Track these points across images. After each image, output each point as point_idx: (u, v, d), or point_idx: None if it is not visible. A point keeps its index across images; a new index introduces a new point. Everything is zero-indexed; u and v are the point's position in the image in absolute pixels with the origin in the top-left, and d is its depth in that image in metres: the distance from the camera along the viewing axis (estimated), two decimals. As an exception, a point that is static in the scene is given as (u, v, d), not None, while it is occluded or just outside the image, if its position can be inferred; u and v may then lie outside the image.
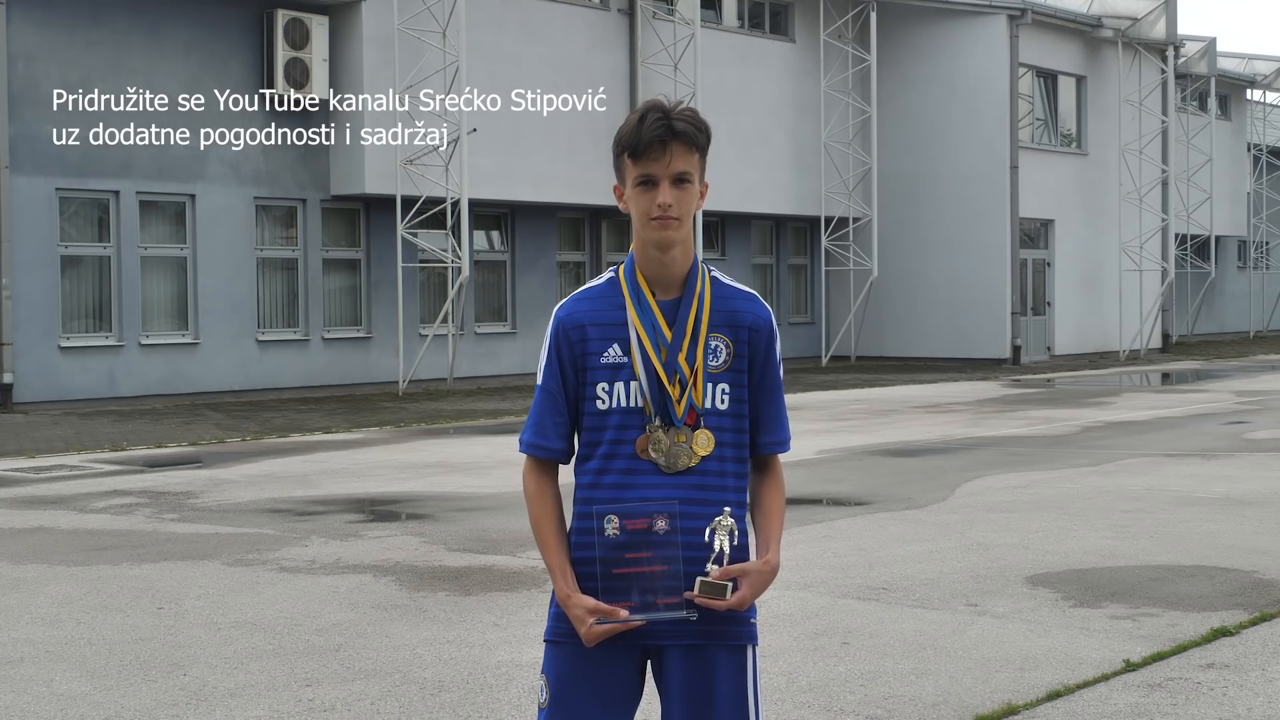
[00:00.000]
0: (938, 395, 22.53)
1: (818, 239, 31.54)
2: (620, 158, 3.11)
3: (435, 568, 8.56)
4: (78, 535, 9.94)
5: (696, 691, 3.09)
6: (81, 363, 20.31)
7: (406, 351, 22.96)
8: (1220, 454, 14.00)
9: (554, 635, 3.15)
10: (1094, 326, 34.18)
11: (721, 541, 3.06)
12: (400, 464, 13.95)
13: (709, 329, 3.13)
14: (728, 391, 3.13)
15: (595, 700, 3.12)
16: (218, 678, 6.14)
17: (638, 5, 26.73)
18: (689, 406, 3.11)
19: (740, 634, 3.12)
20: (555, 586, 3.13)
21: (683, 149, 3.06)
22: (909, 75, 31.59)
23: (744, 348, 3.15)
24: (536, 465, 3.20)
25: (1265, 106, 46.77)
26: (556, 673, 3.14)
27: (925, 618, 7.07)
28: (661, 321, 3.12)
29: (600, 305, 3.15)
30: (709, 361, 3.13)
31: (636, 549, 3.04)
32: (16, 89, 19.55)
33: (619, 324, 3.13)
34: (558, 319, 3.17)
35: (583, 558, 3.11)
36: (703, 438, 3.11)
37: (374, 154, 22.41)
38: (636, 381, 3.11)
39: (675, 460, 3.09)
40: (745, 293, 3.20)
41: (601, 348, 3.12)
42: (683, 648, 3.09)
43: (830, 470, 13.21)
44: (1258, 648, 6.44)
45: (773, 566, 3.11)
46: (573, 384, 3.14)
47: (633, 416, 3.11)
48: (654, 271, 3.14)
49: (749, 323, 3.16)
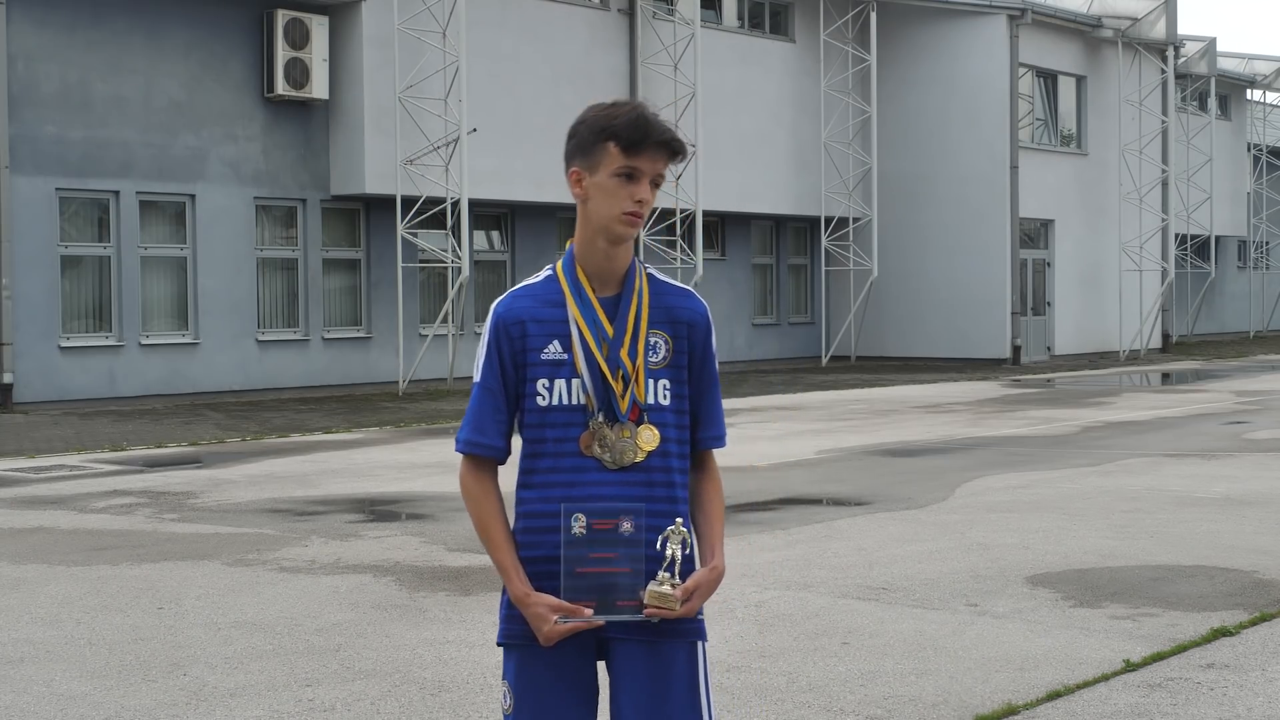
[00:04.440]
0: (938, 395, 22.53)
1: (818, 239, 31.54)
2: (601, 144, 3.06)
3: (435, 568, 8.56)
4: (78, 535, 9.94)
5: (650, 685, 3.09)
6: (81, 363, 20.31)
7: (406, 351, 22.96)
8: (1220, 454, 14.00)
9: (509, 638, 3.12)
10: (1094, 326, 34.19)
11: (674, 550, 3.06)
12: (400, 464, 13.95)
13: (648, 325, 3.13)
14: (669, 387, 3.13)
15: (561, 701, 3.10)
16: (218, 678, 6.14)
17: (638, 5, 26.73)
18: (632, 402, 3.09)
19: (691, 630, 3.13)
20: (510, 586, 3.08)
21: (669, 157, 3.08)
22: (909, 75, 31.60)
23: (683, 344, 3.15)
24: (476, 464, 3.19)
25: (1265, 106, 46.78)
26: (519, 675, 3.11)
27: (925, 618, 7.07)
28: (603, 317, 3.11)
29: (539, 301, 3.13)
30: (649, 358, 3.12)
31: (602, 548, 3.03)
32: (16, 89, 19.55)
33: (559, 320, 3.11)
34: (496, 315, 3.13)
35: (532, 556, 3.09)
36: (647, 433, 3.10)
37: (374, 154, 22.42)
38: (578, 378, 3.09)
39: (621, 456, 3.08)
40: (682, 289, 3.20)
41: (542, 344, 3.10)
42: (635, 642, 3.08)
43: (830, 470, 13.21)
44: (1258, 648, 6.44)
45: (719, 572, 3.11)
46: (513, 381, 3.11)
47: (575, 413, 3.09)
48: (597, 267, 3.13)
49: (687, 319, 3.16)
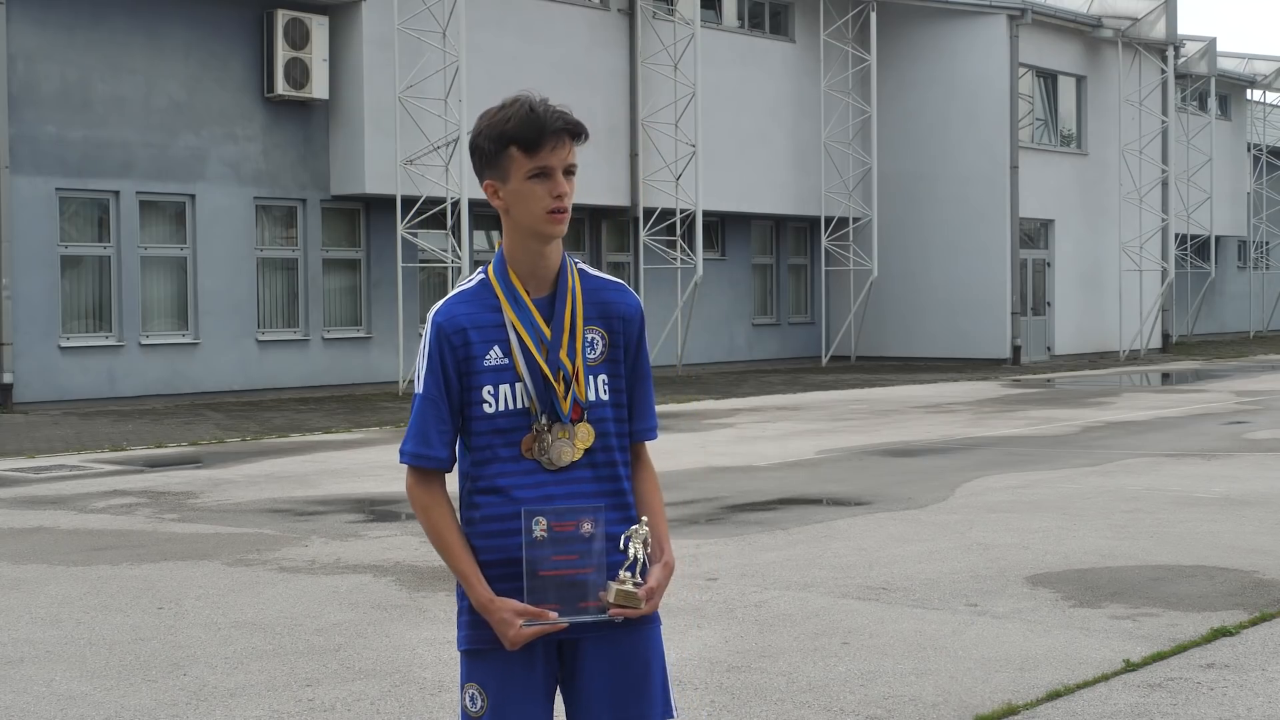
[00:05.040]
0: (938, 395, 22.53)
1: (818, 239, 31.54)
2: (503, 152, 3.05)
3: (435, 568, 8.55)
4: (78, 535, 9.94)
5: (623, 673, 3.12)
6: (81, 363, 20.31)
7: (406, 351, 22.95)
8: (1220, 454, 14.00)
9: (475, 644, 3.12)
10: (1094, 326, 34.19)
11: (636, 550, 3.07)
12: (400, 464, 13.92)
13: (584, 322, 3.13)
14: (607, 382, 3.14)
15: (532, 702, 3.12)
16: (218, 678, 6.14)
17: (638, 5, 26.73)
18: (574, 401, 3.10)
19: (652, 615, 3.15)
20: (472, 593, 3.09)
21: (571, 141, 3.06)
22: (909, 75, 31.60)
23: (619, 338, 3.16)
24: (422, 476, 3.19)
25: (1265, 106, 46.79)
26: (491, 681, 3.11)
27: (925, 618, 7.07)
28: (539, 319, 3.10)
29: (476, 307, 3.11)
30: (587, 354, 3.13)
31: (563, 549, 3.03)
32: (16, 89, 19.55)
33: (497, 325, 3.10)
34: (436, 324, 3.10)
35: (490, 560, 3.10)
36: (583, 430, 3.11)
37: (374, 154, 22.42)
38: (521, 382, 3.09)
39: (559, 456, 3.09)
40: (614, 283, 3.20)
41: (484, 350, 3.08)
42: (597, 636, 3.10)
43: (830, 470, 13.21)
44: (1258, 648, 6.44)
45: (671, 566, 3.15)
46: (456, 390, 3.10)
47: (519, 418, 3.09)
48: (528, 268, 3.12)
49: (621, 313, 3.17)
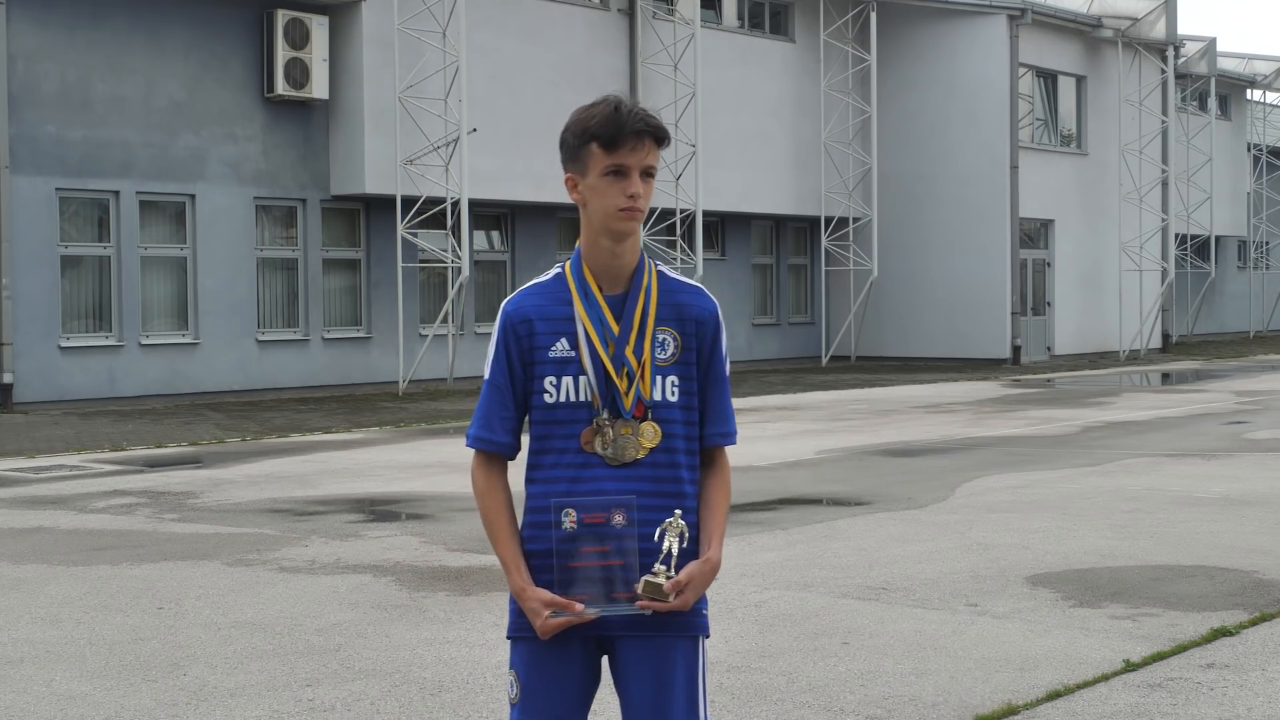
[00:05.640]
0: (938, 395, 22.53)
1: (818, 239, 31.54)
2: (584, 147, 3.09)
3: (435, 568, 8.56)
4: (78, 535, 9.94)
5: (653, 681, 3.12)
6: (81, 363, 20.31)
7: (406, 351, 22.96)
8: (1220, 454, 14.00)
9: (516, 631, 3.19)
10: (1094, 326, 34.19)
11: (671, 544, 3.07)
12: (400, 464, 13.94)
13: (656, 322, 3.15)
14: (677, 384, 3.15)
15: (560, 693, 3.15)
16: (218, 678, 6.14)
17: (638, 5, 26.73)
18: (636, 399, 3.12)
19: (693, 625, 3.15)
20: (510, 580, 3.15)
21: (653, 144, 3.09)
22: (909, 75, 31.60)
23: (692, 340, 3.17)
24: (484, 460, 3.22)
25: (1265, 106, 46.79)
26: (522, 668, 3.18)
27: (925, 618, 7.07)
28: (608, 315, 3.14)
29: (547, 299, 3.17)
30: (657, 354, 3.14)
31: (593, 542, 3.05)
32: (16, 89, 19.55)
33: (566, 318, 3.14)
34: (505, 313, 3.18)
35: (536, 550, 3.13)
36: (649, 429, 3.12)
37: (374, 154, 22.43)
38: (584, 376, 3.12)
39: (622, 453, 3.11)
40: (692, 286, 3.22)
41: (549, 341, 3.13)
42: (637, 638, 3.11)
43: (830, 470, 13.21)
44: (1258, 648, 6.44)
45: (714, 564, 3.13)
46: (520, 378, 3.16)
47: (580, 410, 3.12)
48: (603, 265, 3.15)
49: (695, 315, 3.18)
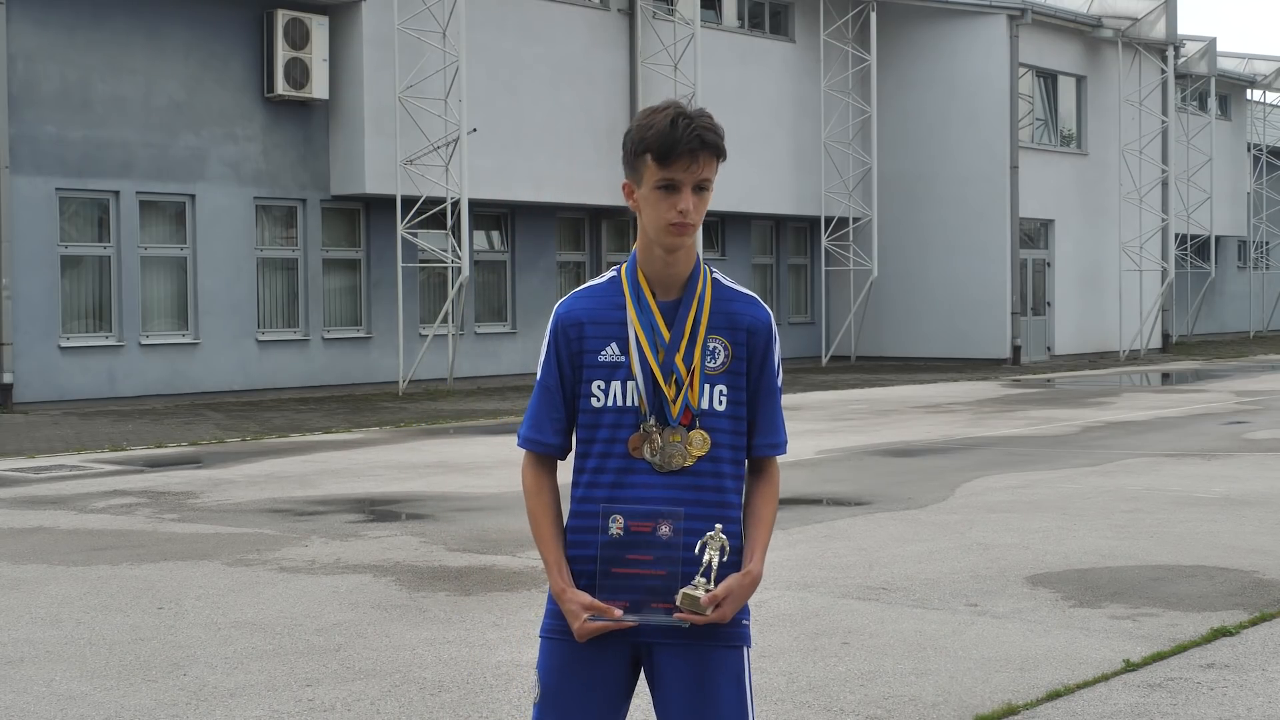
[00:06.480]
0: (938, 395, 22.53)
1: (818, 239, 31.54)
2: (640, 157, 3.06)
3: (435, 568, 8.56)
4: (78, 535, 9.94)
5: (695, 692, 3.08)
6: (81, 363, 20.31)
7: (406, 351, 22.96)
8: (1220, 454, 14.00)
9: (549, 631, 3.16)
10: (1094, 326, 34.19)
11: (711, 556, 3.04)
12: (400, 464, 13.94)
13: (708, 330, 3.13)
14: (726, 393, 3.13)
15: (587, 696, 3.13)
16: (218, 678, 6.14)
17: (638, 5, 26.73)
18: (685, 407, 3.10)
19: (734, 635, 3.12)
20: (550, 580, 3.13)
21: (709, 158, 3.05)
22: (909, 75, 31.60)
23: (742, 349, 3.14)
24: (534, 460, 3.21)
25: (1265, 106, 46.78)
26: (550, 668, 3.15)
27: (925, 618, 7.07)
28: (660, 322, 3.12)
29: (600, 304, 3.15)
30: (707, 363, 3.12)
31: (638, 550, 3.04)
32: (16, 89, 19.55)
33: (618, 323, 3.12)
34: (557, 316, 3.17)
35: (579, 555, 3.11)
36: (697, 438, 3.10)
37: (374, 154, 22.42)
38: (633, 381, 3.10)
39: (670, 460, 3.09)
40: (745, 295, 3.19)
41: (599, 346, 3.12)
42: (675, 647, 3.09)
43: (830, 470, 13.21)
44: (1258, 648, 6.44)
45: (754, 577, 3.09)
46: (570, 381, 3.15)
47: (627, 415, 3.11)
48: (656, 272, 3.14)
49: (748, 324, 3.15)
